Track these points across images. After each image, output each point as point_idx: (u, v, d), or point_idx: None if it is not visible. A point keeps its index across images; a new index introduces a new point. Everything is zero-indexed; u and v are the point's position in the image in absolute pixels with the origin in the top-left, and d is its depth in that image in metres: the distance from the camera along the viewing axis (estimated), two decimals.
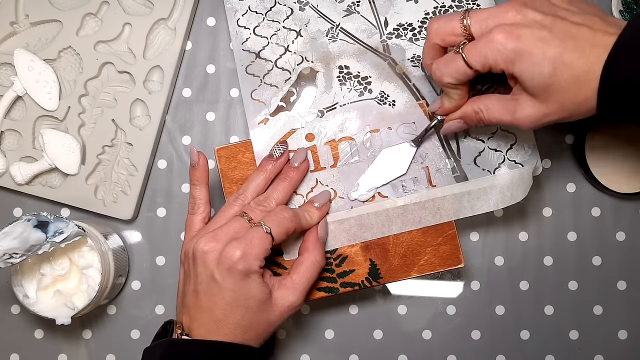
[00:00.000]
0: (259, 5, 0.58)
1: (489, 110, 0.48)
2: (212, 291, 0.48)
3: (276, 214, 0.50)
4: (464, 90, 0.49)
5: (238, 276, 0.47)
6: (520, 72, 0.44)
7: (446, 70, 0.47)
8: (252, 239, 0.48)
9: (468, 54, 0.45)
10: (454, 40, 0.47)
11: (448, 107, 0.51)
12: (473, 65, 0.45)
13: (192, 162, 0.53)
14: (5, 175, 0.60)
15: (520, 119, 0.46)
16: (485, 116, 0.49)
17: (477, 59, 0.45)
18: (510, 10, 0.45)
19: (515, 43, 0.43)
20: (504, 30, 0.44)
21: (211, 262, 0.48)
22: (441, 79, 0.48)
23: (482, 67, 0.45)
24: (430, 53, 0.49)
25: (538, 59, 0.43)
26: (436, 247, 0.55)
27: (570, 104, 0.44)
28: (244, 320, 0.48)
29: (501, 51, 0.44)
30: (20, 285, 0.55)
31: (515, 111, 0.46)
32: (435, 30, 0.48)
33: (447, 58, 0.47)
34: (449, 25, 0.47)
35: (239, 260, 0.47)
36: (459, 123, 0.51)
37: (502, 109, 0.47)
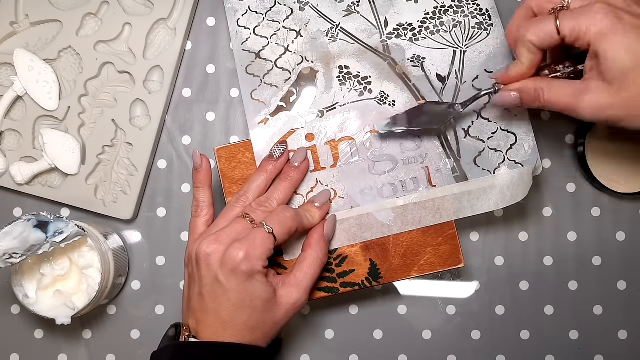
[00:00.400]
0: (259, 5, 0.58)
1: (552, 92, 0.47)
2: (217, 293, 0.48)
3: (278, 214, 0.50)
4: (538, 58, 0.48)
5: (242, 277, 0.47)
6: (607, 50, 0.43)
7: (534, 28, 0.46)
8: (254, 239, 0.48)
9: (563, 18, 0.44)
10: (548, 7, 0.47)
11: (513, 74, 0.49)
12: (563, 30, 0.44)
13: (195, 165, 0.53)
14: (5, 175, 0.60)
15: (585, 102, 0.45)
16: (546, 96, 0.47)
17: (571, 24, 0.44)
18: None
19: (614, 21, 0.43)
20: (606, 7, 0.43)
21: (215, 264, 0.48)
22: (525, 36, 0.47)
23: (570, 34, 0.44)
24: (522, 16, 0.49)
25: (630, 43, 0.42)
26: (436, 247, 0.55)
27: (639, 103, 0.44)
28: (250, 320, 0.48)
29: (597, 23, 0.43)
30: (20, 285, 0.55)
31: (582, 94, 0.45)
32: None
33: (539, 19, 0.47)
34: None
35: (242, 261, 0.47)
36: (514, 97, 0.50)
37: (567, 92, 0.46)
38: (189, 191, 0.61)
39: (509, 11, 0.61)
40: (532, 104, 0.49)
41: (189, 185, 0.61)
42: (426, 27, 0.58)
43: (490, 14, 0.58)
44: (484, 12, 0.58)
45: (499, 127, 0.56)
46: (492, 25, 0.57)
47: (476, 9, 0.58)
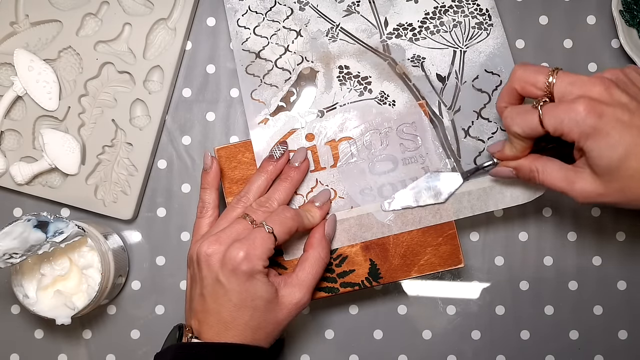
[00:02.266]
0: (259, 5, 0.58)
1: (546, 174, 0.48)
2: (218, 293, 0.48)
3: (278, 214, 0.50)
4: (529, 144, 0.49)
5: (243, 277, 0.47)
6: (591, 149, 0.44)
7: (518, 121, 0.47)
8: (254, 239, 0.48)
9: (546, 114, 0.45)
10: (533, 92, 0.47)
11: (507, 155, 0.50)
12: (546, 126, 0.45)
13: (206, 166, 0.53)
14: (5, 175, 0.60)
15: (577, 191, 0.46)
16: (540, 178, 0.49)
17: (553, 122, 0.45)
18: (599, 85, 0.44)
19: (595, 120, 0.43)
20: (588, 104, 0.43)
21: (215, 265, 0.48)
22: (510, 127, 0.48)
23: (554, 131, 0.45)
24: (506, 97, 0.49)
25: (613, 141, 0.43)
26: (436, 247, 0.55)
27: (631, 194, 0.44)
28: (252, 320, 0.48)
29: (579, 123, 0.43)
30: (20, 285, 0.55)
31: (574, 182, 0.46)
32: (519, 77, 0.48)
33: (523, 110, 0.47)
34: (533, 76, 0.47)
35: (242, 261, 0.47)
36: (510, 172, 0.51)
37: (560, 177, 0.47)
38: (189, 191, 0.61)
39: (509, 11, 0.61)
40: (528, 181, 0.50)
41: (189, 185, 0.61)
42: (426, 27, 0.58)
43: (490, 14, 0.58)
44: (484, 12, 0.58)
45: (499, 127, 0.56)
46: (492, 25, 0.57)
47: (476, 9, 0.58)
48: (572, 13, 0.61)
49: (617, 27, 0.58)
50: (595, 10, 0.61)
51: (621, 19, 0.59)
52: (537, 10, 0.61)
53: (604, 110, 0.43)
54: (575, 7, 0.61)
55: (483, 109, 0.56)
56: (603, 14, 0.61)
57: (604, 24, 0.61)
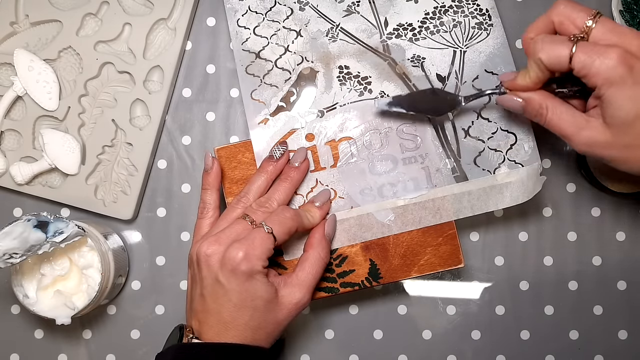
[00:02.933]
0: (259, 5, 0.58)
1: (555, 114, 0.47)
2: (218, 294, 0.48)
3: (277, 214, 0.50)
4: (545, 76, 0.47)
5: (242, 277, 0.47)
6: (612, 97, 0.43)
7: (548, 48, 0.46)
8: (253, 239, 0.48)
9: (579, 50, 0.44)
10: (570, 29, 0.46)
11: (519, 83, 0.49)
12: (575, 63, 0.44)
13: (206, 167, 0.54)
14: (5, 175, 0.60)
15: (583, 137, 0.46)
16: (548, 116, 0.48)
17: (584, 60, 0.44)
18: (637, 39, 0.44)
19: (625, 70, 0.43)
20: (622, 53, 0.43)
21: (215, 265, 0.48)
22: (537, 52, 0.46)
23: (580, 69, 0.44)
24: (540, 27, 0.48)
25: (636, 94, 0.43)
26: (436, 247, 0.55)
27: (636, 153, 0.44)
28: (252, 320, 0.48)
29: (608, 69, 0.43)
30: (20, 285, 0.55)
31: (582, 128, 0.46)
32: (560, 11, 0.47)
33: (557, 39, 0.46)
34: (575, 13, 0.46)
35: (241, 261, 0.47)
36: (518, 103, 0.49)
37: (570, 120, 0.47)
38: (189, 191, 0.61)
39: (509, 11, 0.61)
40: (534, 118, 0.49)
41: (189, 185, 0.61)
42: (426, 27, 0.58)
43: (490, 14, 0.58)
44: (484, 12, 0.58)
45: (499, 127, 0.56)
46: (492, 25, 0.57)
47: (476, 9, 0.58)
48: None
49: None
50: None
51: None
52: (537, 10, 0.61)
53: (635, 64, 0.43)
54: None
55: (483, 109, 0.56)
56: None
57: None
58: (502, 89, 0.50)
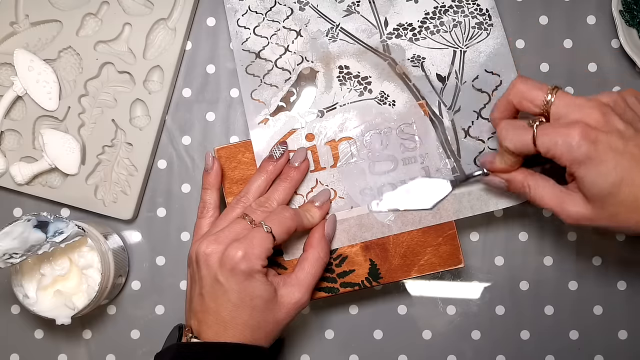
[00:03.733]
0: (259, 5, 0.58)
1: (537, 191, 0.48)
2: (217, 293, 0.48)
3: (277, 213, 0.50)
4: (519, 160, 0.49)
5: (241, 276, 0.47)
6: (583, 176, 0.44)
7: (511, 137, 0.47)
8: (252, 239, 0.48)
9: (540, 134, 0.45)
10: (529, 108, 0.47)
11: (498, 167, 0.50)
12: (539, 146, 0.45)
13: (207, 166, 0.54)
14: (5, 175, 0.60)
15: (567, 213, 0.46)
16: (531, 194, 0.49)
17: (547, 143, 0.44)
18: (596, 110, 0.44)
19: (589, 147, 0.43)
20: (583, 130, 0.43)
21: (214, 265, 0.48)
22: (503, 141, 0.47)
23: (545, 152, 0.45)
24: (502, 108, 0.49)
25: (606, 169, 0.43)
26: (436, 247, 0.55)
27: (622, 220, 0.44)
28: (251, 320, 0.48)
29: (572, 149, 0.43)
30: (20, 285, 0.55)
31: (564, 204, 0.46)
32: (517, 91, 0.47)
33: (518, 125, 0.47)
34: (532, 92, 0.46)
35: (240, 261, 0.47)
36: (502, 184, 0.51)
37: (552, 196, 0.47)
38: (189, 191, 0.61)
39: (509, 11, 0.61)
40: (519, 195, 0.51)
41: (189, 185, 0.61)
42: (426, 27, 0.58)
43: (490, 14, 0.58)
44: (484, 12, 0.58)
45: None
46: (492, 25, 0.57)
47: (476, 9, 0.58)
48: (572, 13, 0.61)
49: (617, 27, 0.58)
50: (595, 10, 0.61)
51: (621, 19, 0.59)
52: (537, 10, 0.61)
53: (598, 137, 0.43)
54: (575, 7, 0.61)
55: (483, 109, 0.56)
56: (603, 14, 0.61)
57: (604, 24, 0.61)
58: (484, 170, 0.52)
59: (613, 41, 0.61)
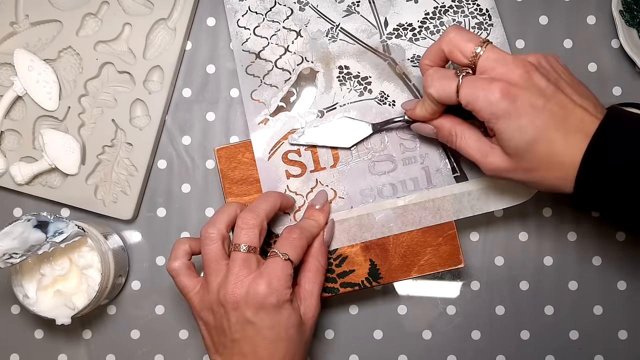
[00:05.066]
0: (259, 6, 0.58)
1: (463, 140, 0.49)
2: (250, 333, 0.47)
3: (285, 239, 0.50)
4: (440, 109, 0.49)
5: (271, 310, 0.47)
6: (502, 130, 0.45)
7: (436, 84, 0.47)
8: (272, 270, 0.48)
9: (464, 85, 0.46)
10: (458, 58, 0.47)
11: (418, 114, 0.51)
12: (461, 97, 0.46)
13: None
14: (5, 175, 0.60)
15: (488, 163, 0.48)
16: (457, 142, 0.49)
17: (469, 96, 0.45)
18: (520, 68, 0.45)
19: (508, 103, 0.44)
20: (504, 87, 0.44)
21: (242, 306, 0.47)
22: (427, 88, 0.48)
23: (466, 104, 0.46)
24: (432, 55, 0.49)
25: (523, 124, 0.44)
26: (436, 247, 0.55)
27: (536, 176, 0.46)
28: (289, 352, 0.48)
29: (492, 104, 0.44)
30: (20, 285, 0.55)
31: (486, 156, 0.48)
32: (450, 39, 0.47)
33: (445, 74, 0.47)
34: (463, 42, 0.47)
35: (268, 295, 0.47)
36: (431, 130, 0.51)
37: (476, 147, 0.48)
38: (189, 191, 0.61)
39: (509, 11, 0.61)
40: (446, 142, 0.51)
41: (189, 185, 0.61)
42: (426, 27, 0.58)
43: (490, 14, 0.58)
44: (484, 12, 0.58)
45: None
46: (492, 25, 0.57)
47: (476, 9, 0.58)
48: (572, 13, 0.61)
49: (617, 27, 0.58)
50: (595, 10, 0.61)
51: (621, 19, 0.59)
52: (537, 10, 0.61)
53: (518, 94, 0.44)
54: (575, 7, 0.61)
55: None
56: (603, 14, 0.61)
57: (604, 24, 0.61)
58: (407, 117, 0.52)
59: (613, 41, 0.61)
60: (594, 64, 0.61)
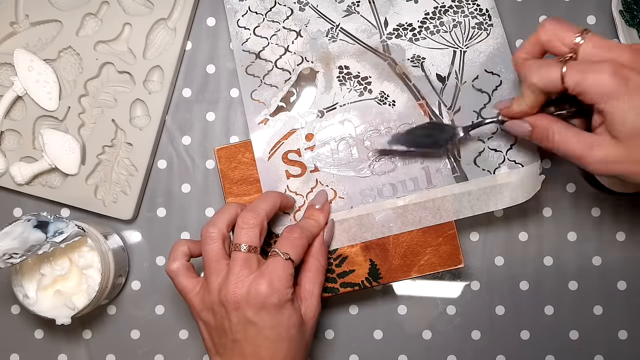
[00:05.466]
0: (259, 6, 0.58)
1: (562, 136, 0.46)
2: (251, 333, 0.47)
3: (285, 238, 0.50)
4: (541, 99, 0.47)
5: (273, 310, 0.47)
6: (612, 111, 0.42)
7: (539, 72, 0.45)
8: (274, 269, 0.48)
9: (569, 69, 0.44)
10: (558, 47, 0.46)
11: (515, 111, 0.48)
12: (567, 82, 0.44)
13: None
14: (5, 175, 0.60)
15: (595, 155, 0.44)
16: (556, 139, 0.46)
17: (576, 79, 0.43)
18: (628, 51, 0.43)
19: (619, 82, 0.42)
20: (614, 67, 0.42)
21: (243, 306, 0.47)
22: (529, 77, 0.46)
23: (574, 87, 0.43)
24: (530, 48, 0.48)
25: (636, 104, 0.42)
26: (436, 247, 0.55)
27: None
28: (290, 352, 0.47)
29: (602, 84, 0.42)
30: (20, 285, 0.55)
31: (592, 147, 0.44)
32: (548, 30, 0.46)
33: (546, 62, 0.46)
34: (563, 32, 0.45)
35: (270, 294, 0.47)
36: (526, 128, 0.48)
37: (578, 141, 0.45)
38: (189, 191, 0.61)
39: (509, 11, 0.61)
40: (541, 142, 0.48)
41: (189, 185, 0.61)
42: (426, 27, 0.58)
43: (490, 14, 0.58)
44: (484, 12, 0.58)
45: (499, 127, 0.56)
46: (492, 25, 0.57)
47: (476, 9, 0.58)
48: (572, 13, 0.61)
49: (617, 27, 0.58)
50: (595, 10, 0.61)
51: (621, 19, 0.59)
52: (537, 10, 0.61)
53: (630, 75, 0.42)
54: (575, 7, 0.61)
55: (483, 109, 0.56)
56: (603, 14, 0.61)
57: (604, 24, 0.61)
58: (500, 117, 0.50)
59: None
60: None
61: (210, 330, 0.49)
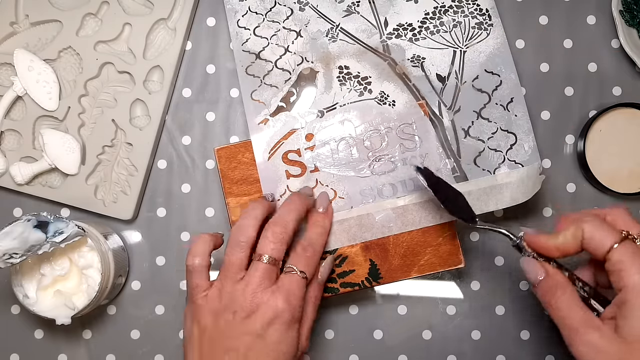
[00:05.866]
0: (259, 6, 0.58)
1: (565, 300, 0.43)
2: (255, 346, 0.46)
3: (301, 255, 0.50)
4: (571, 249, 0.44)
5: (282, 327, 0.46)
6: (636, 307, 0.40)
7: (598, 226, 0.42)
8: (291, 286, 0.48)
9: (624, 246, 0.41)
10: (622, 228, 0.43)
11: (543, 242, 0.45)
12: (614, 254, 0.41)
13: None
14: (5, 175, 0.60)
15: (587, 338, 0.42)
16: (558, 299, 0.44)
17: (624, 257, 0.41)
18: None
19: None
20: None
21: (255, 317, 0.46)
22: (584, 222, 0.43)
23: (615, 263, 0.41)
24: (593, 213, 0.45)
25: None
26: (436, 247, 0.55)
27: None
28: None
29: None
30: (20, 285, 0.55)
31: (590, 328, 0.41)
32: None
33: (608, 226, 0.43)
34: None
35: (284, 310, 0.46)
36: (539, 274, 0.45)
37: (579, 314, 0.42)
38: (189, 191, 0.61)
39: (509, 11, 0.61)
40: (544, 294, 0.45)
41: (189, 185, 0.61)
42: (426, 27, 0.58)
43: (490, 14, 0.58)
44: (484, 12, 0.58)
45: (499, 127, 0.56)
46: (492, 25, 0.57)
47: (476, 9, 0.58)
48: (572, 13, 0.61)
49: (617, 27, 0.58)
50: (595, 10, 0.61)
51: (621, 19, 0.59)
52: (537, 10, 0.61)
53: None
54: (575, 7, 0.61)
55: (483, 109, 0.56)
56: (603, 14, 0.61)
57: (604, 24, 0.61)
58: (520, 242, 0.47)
59: (613, 41, 0.61)
60: (594, 64, 0.61)
61: (202, 336, 0.48)
